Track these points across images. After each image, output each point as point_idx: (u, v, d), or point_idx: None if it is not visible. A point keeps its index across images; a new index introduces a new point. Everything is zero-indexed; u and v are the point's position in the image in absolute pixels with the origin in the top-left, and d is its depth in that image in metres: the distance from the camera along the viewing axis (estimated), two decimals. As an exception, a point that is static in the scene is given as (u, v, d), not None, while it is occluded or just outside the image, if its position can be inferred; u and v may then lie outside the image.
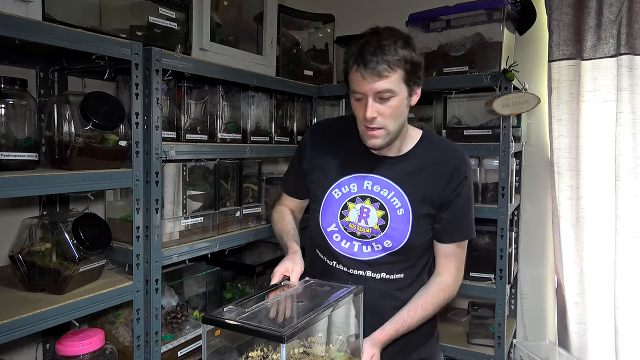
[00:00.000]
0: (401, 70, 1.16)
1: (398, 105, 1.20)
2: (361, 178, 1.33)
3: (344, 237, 1.35)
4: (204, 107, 1.68)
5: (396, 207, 1.30)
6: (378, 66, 1.14)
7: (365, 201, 1.32)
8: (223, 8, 1.75)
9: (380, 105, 1.18)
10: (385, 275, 1.33)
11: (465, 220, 1.34)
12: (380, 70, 1.14)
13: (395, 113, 1.20)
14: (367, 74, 1.15)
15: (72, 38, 1.16)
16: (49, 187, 1.14)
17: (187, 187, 1.58)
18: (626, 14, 1.86)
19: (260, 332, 1.01)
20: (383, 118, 1.20)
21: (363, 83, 1.17)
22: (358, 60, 1.17)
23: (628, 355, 1.91)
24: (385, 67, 1.14)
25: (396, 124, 1.23)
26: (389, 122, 1.21)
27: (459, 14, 1.93)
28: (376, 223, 1.31)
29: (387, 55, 1.15)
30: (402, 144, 1.33)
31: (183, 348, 1.57)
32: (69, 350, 1.21)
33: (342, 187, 1.36)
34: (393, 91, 1.17)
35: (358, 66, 1.17)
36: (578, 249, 2.01)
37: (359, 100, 1.22)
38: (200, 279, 1.82)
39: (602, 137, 1.96)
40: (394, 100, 1.18)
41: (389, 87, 1.16)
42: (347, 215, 1.34)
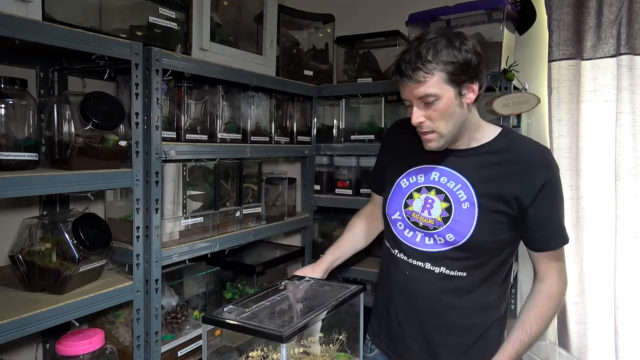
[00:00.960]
0: (441, 72, 1.15)
1: (445, 107, 1.18)
2: (429, 169, 1.32)
3: (407, 226, 1.34)
4: (204, 107, 1.68)
5: (461, 199, 1.26)
6: (414, 74, 1.15)
7: (431, 192, 1.31)
8: (223, 8, 1.75)
9: (426, 110, 1.19)
10: (446, 271, 1.27)
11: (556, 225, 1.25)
12: (417, 78, 1.15)
13: (443, 115, 1.19)
14: (406, 81, 1.18)
15: (72, 38, 1.16)
16: (49, 187, 1.14)
17: (187, 187, 1.58)
18: (626, 14, 1.86)
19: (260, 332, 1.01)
20: (431, 122, 1.20)
21: (405, 90, 1.20)
22: (398, 67, 1.19)
23: (628, 355, 1.91)
24: (422, 73, 1.15)
25: (448, 126, 1.21)
26: (439, 124, 1.20)
27: (459, 14, 1.93)
28: (439, 215, 1.28)
29: (423, 62, 1.14)
30: (473, 138, 1.29)
31: (183, 348, 1.57)
32: (69, 350, 1.21)
33: (409, 177, 1.36)
34: (435, 95, 1.16)
35: (399, 74, 1.19)
36: (578, 249, 2.00)
37: (408, 107, 1.23)
38: (200, 279, 1.82)
39: (602, 137, 1.95)
40: (438, 103, 1.17)
41: (430, 92, 1.16)
42: (411, 205, 1.33)
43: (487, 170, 1.25)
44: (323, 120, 2.29)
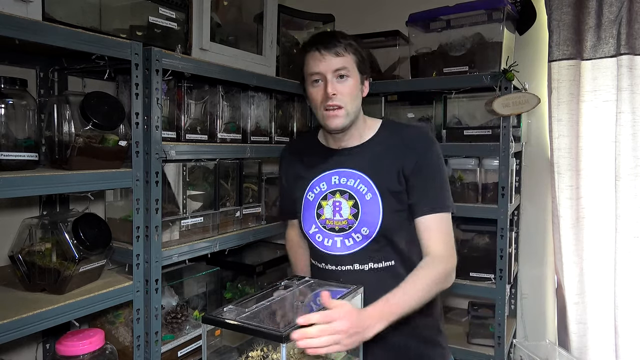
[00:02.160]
0: (353, 55, 1.31)
1: (353, 86, 1.31)
2: (328, 175, 1.39)
3: (325, 236, 1.38)
4: (204, 107, 1.68)
5: (363, 193, 1.33)
6: (336, 47, 1.28)
7: (336, 195, 1.37)
8: (223, 8, 1.74)
9: (338, 84, 1.29)
10: (374, 265, 1.33)
11: (436, 190, 1.32)
12: (338, 50, 1.28)
13: (352, 93, 1.31)
14: (325, 53, 1.28)
15: (72, 38, 1.16)
16: (49, 187, 1.14)
17: (187, 187, 1.58)
18: (626, 14, 1.86)
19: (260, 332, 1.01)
20: (342, 96, 1.29)
21: (322, 63, 1.29)
22: (316, 42, 1.30)
23: (628, 355, 1.91)
24: (342, 47, 1.29)
25: (353, 105, 1.32)
26: (347, 101, 1.30)
27: (459, 14, 1.93)
28: (349, 213, 1.34)
29: (342, 39, 1.30)
30: (361, 134, 1.39)
31: (183, 348, 1.57)
32: (69, 350, 1.21)
33: (313, 188, 1.42)
34: (349, 70, 1.30)
35: (317, 47, 1.29)
36: (578, 249, 2.01)
37: (317, 83, 1.32)
38: (200, 279, 1.82)
39: (602, 137, 1.96)
40: (350, 80, 1.30)
41: (345, 65, 1.29)
42: (323, 214, 1.38)
43: (377, 160, 1.34)
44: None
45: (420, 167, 1.31)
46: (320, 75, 1.30)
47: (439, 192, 1.32)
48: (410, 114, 2.16)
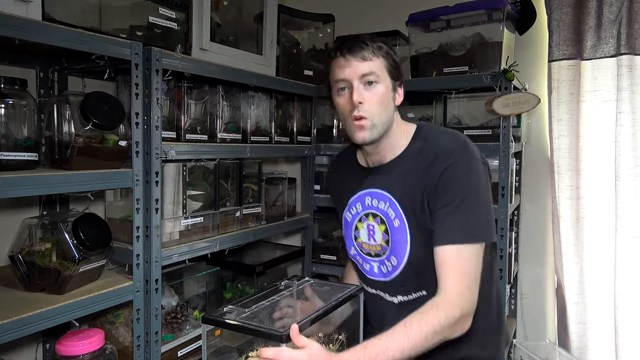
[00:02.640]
0: (383, 59, 1.18)
1: (383, 93, 1.17)
2: (363, 195, 1.29)
3: (363, 259, 1.30)
4: (204, 107, 1.68)
5: (392, 218, 1.21)
6: (362, 50, 1.16)
7: (369, 218, 1.27)
8: (223, 8, 1.74)
9: (366, 91, 1.16)
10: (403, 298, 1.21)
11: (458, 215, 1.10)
12: (364, 54, 1.15)
13: (381, 101, 1.17)
14: (351, 58, 1.16)
15: (72, 38, 1.16)
16: (49, 187, 1.14)
17: (187, 187, 1.58)
18: (626, 14, 1.85)
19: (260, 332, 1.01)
20: (370, 105, 1.16)
21: (347, 69, 1.17)
22: (341, 48, 1.18)
23: (628, 355, 1.91)
24: (369, 51, 1.16)
25: (382, 116, 1.17)
26: (375, 110, 1.16)
27: (459, 14, 1.93)
28: (382, 239, 1.23)
29: (369, 42, 1.17)
30: (394, 146, 1.24)
31: (183, 348, 1.57)
32: (69, 350, 1.21)
33: (350, 209, 1.33)
34: (377, 75, 1.16)
35: (342, 53, 1.17)
36: (578, 249, 2.00)
37: (343, 91, 1.19)
38: (200, 279, 1.82)
39: (602, 137, 1.95)
40: (379, 87, 1.17)
41: (373, 70, 1.16)
42: (359, 236, 1.30)
43: (404, 180, 1.19)
44: (323, 120, 2.29)
45: (441, 186, 1.11)
46: (346, 82, 1.18)
47: (463, 217, 1.10)
48: (410, 114, 2.16)
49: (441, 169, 1.12)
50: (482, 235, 1.11)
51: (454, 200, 1.10)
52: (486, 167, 1.18)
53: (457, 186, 1.11)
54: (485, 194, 1.14)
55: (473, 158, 1.14)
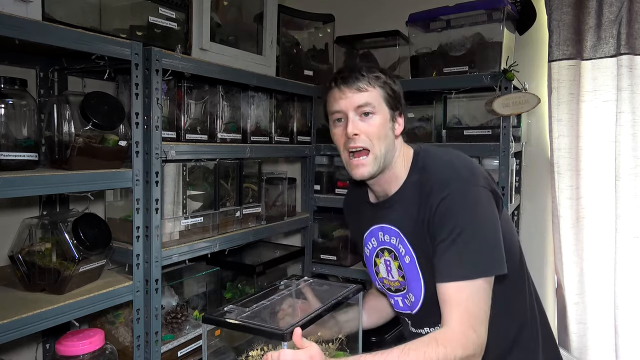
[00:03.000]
0: (380, 89, 1.15)
1: (381, 124, 1.13)
2: (376, 230, 1.24)
3: (389, 295, 1.28)
4: (204, 107, 1.68)
5: (402, 254, 1.16)
6: (357, 81, 1.13)
7: (385, 253, 1.24)
8: (223, 8, 1.75)
9: (362, 122, 1.13)
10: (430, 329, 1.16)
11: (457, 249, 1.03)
12: (360, 85, 1.13)
13: (379, 133, 1.12)
14: (346, 89, 1.13)
15: (72, 38, 1.16)
16: (49, 187, 1.14)
17: (187, 187, 1.58)
18: (626, 14, 1.85)
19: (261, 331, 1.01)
20: (367, 136, 1.12)
21: (342, 100, 1.14)
22: (337, 79, 1.16)
23: (628, 355, 1.91)
24: (365, 82, 1.13)
25: (382, 147, 1.13)
26: (374, 142, 1.12)
27: (459, 14, 1.93)
28: (398, 274, 1.20)
29: (365, 72, 1.14)
30: (398, 178, 1.19)
31: (183, 348, 1.57)
32: (69, 350, 1.21)
33: (367, 244, 1.30)
34: (373, 106, 1.13)
35: (337, 84, 1.15)
36: (578, 249, 2.00)
37: (339, 122, 1.16)
38: (200, 279, 1.82)
39: (602, 137, 1.95)
40: (375, 118, 1.13)
41: (369, 101, 1.13)
42: (379, 272, 1.28)
43: (408, 214, 1.14)
44: (323, 120, 2.29)
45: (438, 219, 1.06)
46: (342, 114, 1.15)
47: (461, 252, 1.03)
48: (410, 114, 2.16)
49: (437, 201, 1.06)
50: (485, 269, 1.03)
51: (450, 234, 1.04)
52: (493, 194, 1.11)
53: (453, 219, 1.05)
54: (488, 223, 1.06)
55: (472, 185, 1.07)
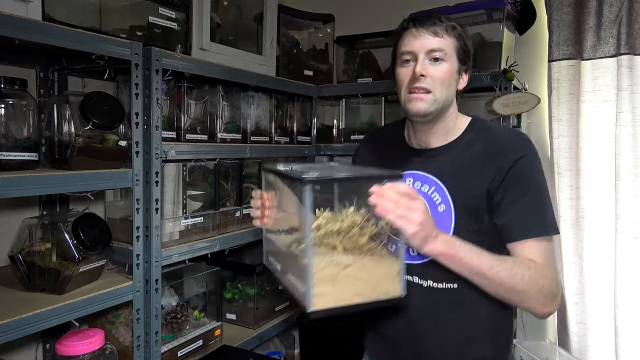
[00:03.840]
0: (454, 39, 1.16)
1: (448, 71, 1.14)
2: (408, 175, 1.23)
3: None
4: (204, 107, 1.68)
5: (437, 202, 1.15)
6: (435, 25, 1.14)
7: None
8: (223, 8, 1.75)
9: (430, 66, 1.13)
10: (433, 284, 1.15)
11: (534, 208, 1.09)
12: (437, 29, 1.13)
13: (444, 79, 1.14)
14: (423, 31, 1.14)
15: (72, 38, 1.16)
16: (49, 187, 1.14)
17: (187, 187, 1.58)
18: (626, 14, 1.85)
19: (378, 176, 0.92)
20: (432, 80, 1.13)
21: (416, 41, 1.14)
22: (414, 20, 1.16)
23: (628, 356, 1.91)
24: (442, 27, 1.14)
25: (444, 93, 1.14)
26: (437, 87, 1.13)
27: (459, 14, 1.92)
28: None
29: (444, 19, 1.16)
30: (447, 132, 1.20)
31: (183, 348, 1.57)
32: (69, 350, 1.21)
33: None
34: (445, 53, 1.13)
35: (414, 24, 1.16)
36: (578, 249, 2.00)
37: (407, 63, 1.16)
38: (200, 279, 1.82)
39: (602, 137, 1.95)
40: (444, 65, 1.14)
41: (442, 47, 1.13)
42: None
43: (457, 168, 1.16)
44: (323, 120, 2.29)
45: (512, 179, 1.09)
46: (412, 55, 1.14)
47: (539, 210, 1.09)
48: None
49: (510, 161, 1.10)
50: (556, 227, 1.11)
51: (527, 194, 1.09)
52: None
53: (529, 180, 1.10)
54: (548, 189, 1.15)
55: (537, 153, 1.14)
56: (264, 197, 1.14)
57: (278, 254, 1.11)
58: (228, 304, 1.94)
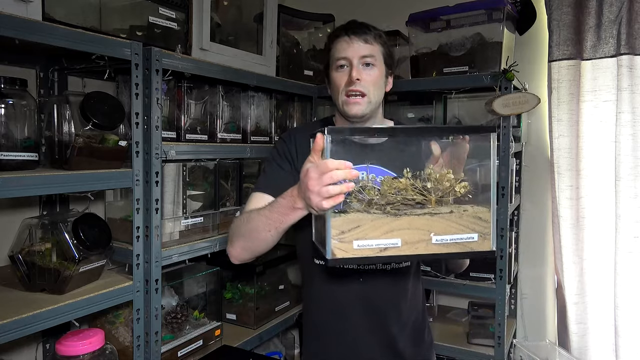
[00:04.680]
0: (381, 47, 1.29)
1: (378, 76, 1.28)
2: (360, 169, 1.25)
3: None
4: (204, 107, 1.68)
5: None
6: (365, 34, 1.27)
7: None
8: (223, 8, 1.75)
9: (363, 71, 1.26)
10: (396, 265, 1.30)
11: None
12: (367, 37, 1.27)
13: (376, 82, 1.28)
14: (355, 39, 1.27)
15: (72, 38, 1.16)
16: (49, 187, 1.14)
17: (187, 187, 1.58)
18: (626, 14, 1.86)
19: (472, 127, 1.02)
20: (366, 84, 1.26)
21: (350, 48, 1.27)
22: (346, 28, 1.29)
23: (628, 356, 1.91)
24: (372, 36, 1.28)
25: (376, 95, 1.28)
26: (371, 89, 1.26)
27: (459, 14, 1.93)
28: None
29: (372, 28, 1.30)
30: None
31: (183, 348, 1.57)
32: (69, 350, 1.21)
33: None
34: (375, 59, 1.27)
35: (347, 33, 1.28)
36: (578, 249, 2.00)
37: (342, 68, 1.28)
38: (200, 279, 1.82)
39: (602, 137, 1.96)
40: (375, 69, 1.27)
41: (373, 53, 1.27)
42: None
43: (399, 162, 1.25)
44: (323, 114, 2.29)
45: None
46: (346, 60, 1.27)
47: None
48: (410, 114, 2.16)
49: None
50: None
51: None
52: None
53: None
54: None
55: None
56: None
57: None
58: (228, 304, 1.94)
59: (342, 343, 1.32)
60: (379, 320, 1.30)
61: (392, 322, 1.30)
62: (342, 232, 0.90)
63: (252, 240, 1.17)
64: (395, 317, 1.31)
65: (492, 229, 0.94)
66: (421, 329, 1.39)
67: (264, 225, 1.11)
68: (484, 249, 0.94)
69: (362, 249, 0.90)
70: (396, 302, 1.31)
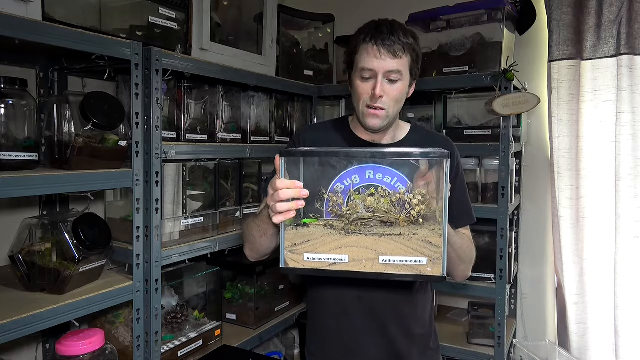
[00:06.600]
0: (409, 56, 1.21)
1: (401, 89, 1.22)
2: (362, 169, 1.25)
3: None
4: (204, 107, 1.68)
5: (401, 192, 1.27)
6: (394, 45, 1.17)
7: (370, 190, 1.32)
8: (223, 8, 1.75)
9: (387, 86, 1.21)
10: None
11: (465, 204, 1.33)
12: (396, 50, 1.18)
13: (398, 97, 1.23)
14: (384, 53, 1.18)
15: (72, 38, 1.16)
16: (49, 187, 1.14)
17: (187, 187, 1.58)
18: (626, 14, 1.85)
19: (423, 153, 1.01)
20: (388, 99, 1.21)
21: (376, 61, 1.19)
22: (375, 37, 1.19)
23: (628, 355, 1.91)
24: (400, 47, 1.18)
25: (396, 109, 1.25)
26: (392, 104, 1.22)
27: (459, 14, 1.93)
28: None
29: (402, 38, 1.19)
30: (395, 133, 1.34)
31: (183, 348, 1.57)
32: (69, 350, 1.21)
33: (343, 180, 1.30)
34: (401, 74, 1.20)
35: (375, 43, 1.18)
36: (578, 249, 2.00)
37: (367, 80, 1.22)
38: (200, 279, 1.82)
39: (602, 137, 1.95)
40: (399, 83, 1.21)
41: (400, 69, 1.19)
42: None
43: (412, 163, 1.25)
44: (323, 120, 2.29)
45: (457, 175, 1.29)
46: (371, 73, 1.21)
47: (469, 206, 1.34)
48: (410, 114, 2.16)
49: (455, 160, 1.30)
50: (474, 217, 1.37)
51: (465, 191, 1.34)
52: None
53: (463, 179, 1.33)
54: None
55: None
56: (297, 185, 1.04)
57: None
58: (228, 304, 1.94)
59: (344, 345, 1.32)
60: (381, 324, 1.29)
61: (394, 326, 1.29)
62: (294, 244, 0.98)
63: (254, 243, 1.21)
64: (398, 322, 1.29)
65: (443, 255, 0.95)
66: (427, 336, 1.36)
67: (256, 231, 1.17)
68: (434, 274, 0.95)
69: (312, 261, 0.98)
70: (399, 308, 1.29)
